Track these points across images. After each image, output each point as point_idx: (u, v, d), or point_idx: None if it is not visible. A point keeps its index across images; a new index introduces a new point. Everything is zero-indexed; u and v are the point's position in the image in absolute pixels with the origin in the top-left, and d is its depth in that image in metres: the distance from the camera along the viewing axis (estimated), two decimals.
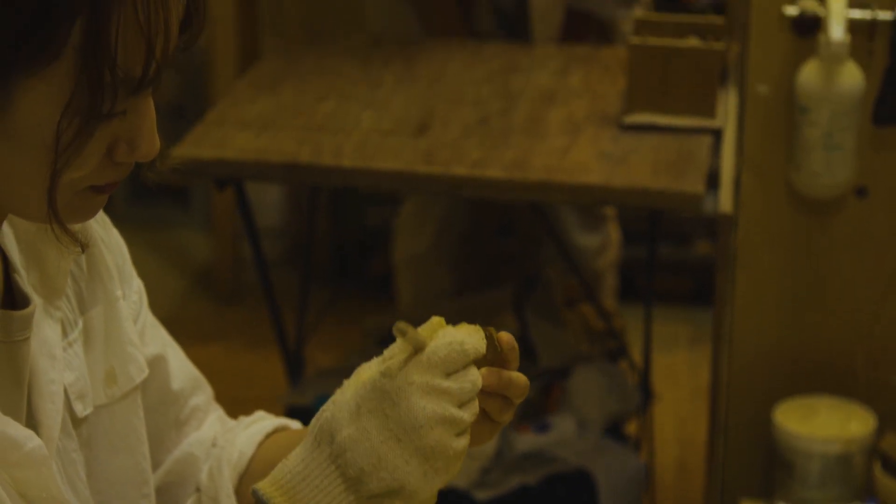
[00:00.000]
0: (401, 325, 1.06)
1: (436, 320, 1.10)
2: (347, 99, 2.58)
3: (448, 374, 1.07)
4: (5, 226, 1.10)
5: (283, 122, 2.48)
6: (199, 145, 2.39)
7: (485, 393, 1.09)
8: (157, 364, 1.24)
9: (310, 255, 3.02)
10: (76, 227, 1.03)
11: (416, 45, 2.83)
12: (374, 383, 1.07)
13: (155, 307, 1.29)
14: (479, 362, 1.09)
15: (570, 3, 2.86)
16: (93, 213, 1.04)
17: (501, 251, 3.36)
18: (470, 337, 1.09)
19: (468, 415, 1.07)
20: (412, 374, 1.06)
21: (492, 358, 1.09)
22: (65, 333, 1.13)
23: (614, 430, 2.76)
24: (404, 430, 1.06)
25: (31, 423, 1.08)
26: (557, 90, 2.62)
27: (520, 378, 1.10)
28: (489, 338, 1.09)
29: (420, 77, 2.68)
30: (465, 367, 1.08)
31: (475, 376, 1.08)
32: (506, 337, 1.10)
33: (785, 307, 2.33)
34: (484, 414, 1.11)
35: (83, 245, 1.03)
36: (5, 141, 0.97)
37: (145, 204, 4.09)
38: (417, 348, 1.08)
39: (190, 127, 2.47)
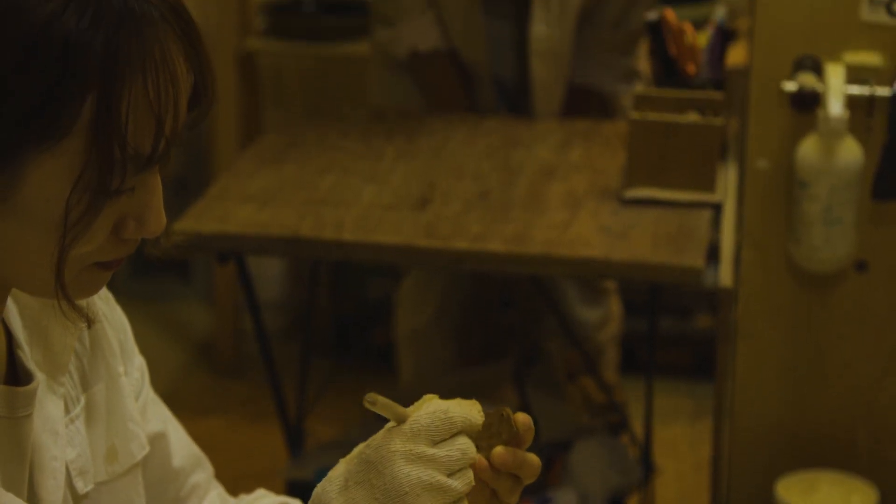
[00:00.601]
0: (370, 396, 1.06)
1: (427, 397, 1.10)
2: (349, 173, 2.59)
3: (434, 443, 1.06)
4: (10, 301, 1.11)
5: (284, 195, 2.50)
6: (201, 219, 2.40)
7: (497, 471, 1.08)
8: (158, 441, 1.24)
9: (310, 328, 3.02)
10: (82, 302, 1.04)
11: (418, 119, 2.85)
12: (360, 455, 1.07)
13: (156, 381, 1.29)
14: (493, 441, 1.08)
15: (571, 78, 2.88)
16: (98, 289, 1.05)
17: (503, 324, 3.36)
18: (458, 407, 1.08)
19: (460, 484, 1.05)
20: (395, 443, 1.06)
21: (507, 437, 1.09)
22: (67, 410, 1.13)
23: (616, 503, 2.75)
24: (390, 498, 1.05)
25: (33, 498, 1.08)
26: (558, 164, 2.63)
27: (533, 459, 1.09)
28: (506, 418, 1.08)
29: (421, 151, 2.69)
30: (453, 435, 1.07)
31: (465, 445, 1.07)
32: (522, 417, 1.09)
33: (786, 381, 2.33)
34: (493, 494, 1.10)
35: (90, 321, 1.04)
36: (14, 216, 0.97)
37: (147, 277, 4.09)
38: (399, 419, 1.07)
39: (192, 201, 2.48)
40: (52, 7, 0.95)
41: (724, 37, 2.62)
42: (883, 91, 2.17)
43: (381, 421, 1.10)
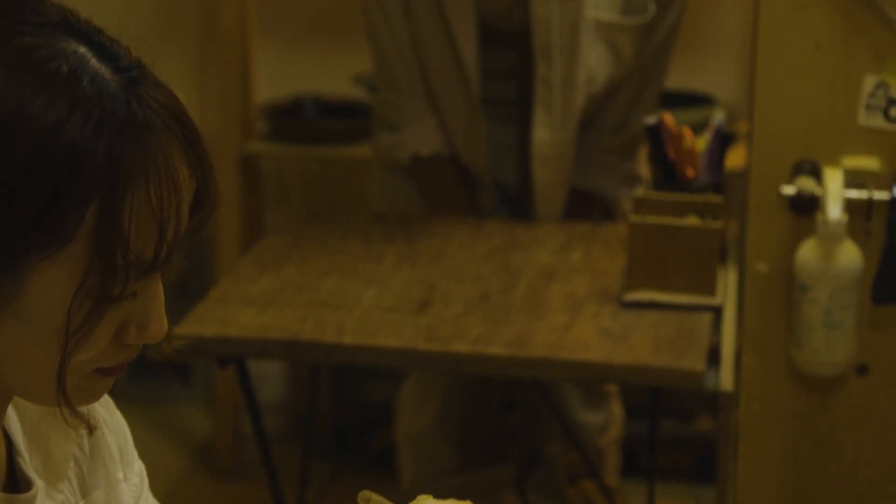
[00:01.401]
0: (364, 493, 1.06)
1: (421, 498, 1.10)
2: (350, 275, 2.60)
3: None
4: (10, 408, 1.11)
5: (285, 298, 2.50)
6: (201, 323, 2.40)
7: None
8: None
9: (311, 431, 3.01)
10: (82, 408, 1.04)
11: (418, 222, 2.86)
12: None
13: (155, 484, 1.29)
14: None
15: (572, 182, 2.89)
16: (99, 396, 1.05)
17: (504, 427, 3.35)
18: None
19: None
20: None
21: None
22: None
23: None
24: None
25: None
26: (558, 267, 2.64)
27: None
28: None
29: (422, 254, 2.70)
30: None
31: None
32: None
33: (787, 485, 2.31)
34: None
35: (90, 427, 1.04)
36: (15, 322, 0.98)
37: (146, 380, 4.09)
38: None
39: (194, 304, 2.49)
40: (56, 114, 0.96)
41: (723, 140, 2.63)
42: (881, 195, 2.18)
43: None
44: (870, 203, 2.19)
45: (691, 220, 2.45)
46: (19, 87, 0.95)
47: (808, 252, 2.19)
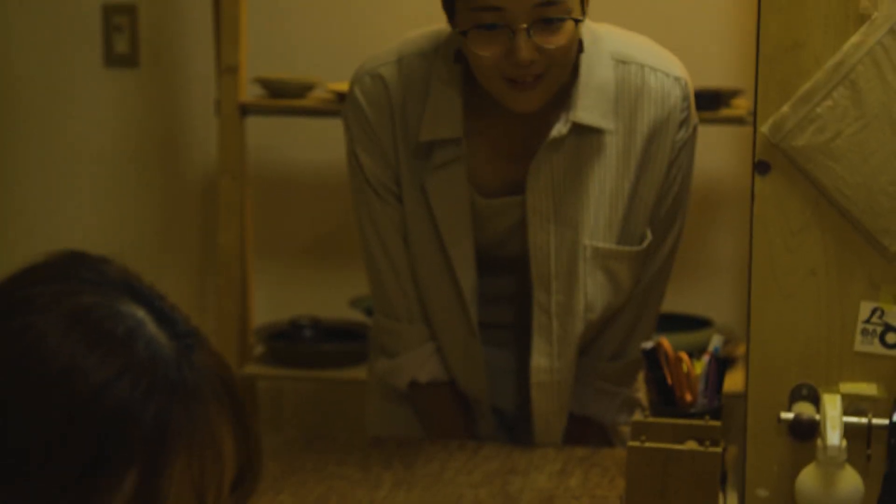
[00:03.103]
0: None
1: None
2: (347, 501, 2.57)
3: None
4: None
5: None
6: None
7: None
8: None
9: None
10: None
11: (416, 446, 2.84)
12: None
13: None
14: None
15: (572, 408, 2.88)
16: None
17: None
18: None
19: None
20: None
21: None
22: None
23: None
24: None
25: None
26: (556, 492, 2.62)
27: None
28: None
29: (419, 479, 2.68)
30: None
31: None
32: None
33: None
34: None
35: None
36: None
37: None
38: None
39: None
40: (107, 374, 0.95)
41: (721, 365, 2.64)
42: (880, 421, 2.17)
43: None
44: (869, 429, 2.18)
45: (690, 445, 2.43)
46: (74, 344, 0.94)
47: (808, 478, 2.17)
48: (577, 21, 2.47)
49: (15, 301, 0.96)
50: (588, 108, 2.61)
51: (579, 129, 2.62)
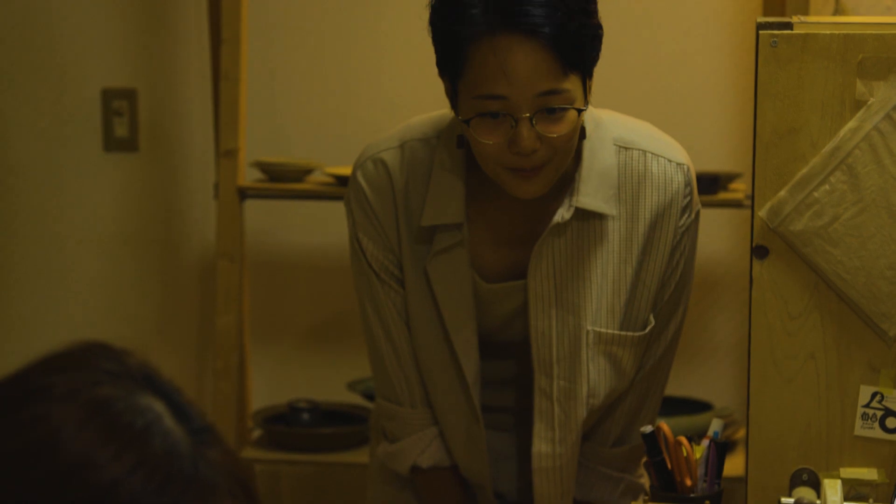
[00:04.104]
0: None
1: None
2: None
3: None
4: None
5: None
6: None
7: None
8: None
9: None
10: None
11: None
12: None
13: None
14: None
15: (574, 493, 2.86)
16: None
17: None
18: None
19: None
20: None
21: None
22: None
23: None
24: None
25: None
26: None
27: None
28: None
29: None
30: None
31: None
32: None
33: None
34: None
35: None
36: None
37: None
38: None
39: None
40: (121, 468, 0.94)
41: (721, 449, 2.62)
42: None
43: None
44: None
45: None
46: (89, 437, 0.94)
47: None
48: (579, 110, 2.48)
49: (31, 390, 0.95)
50: (591, 194, 2.62)
51: (582, 215, 2.62)
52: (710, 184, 3.78)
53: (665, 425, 2.56)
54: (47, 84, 4.35)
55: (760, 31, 2.20)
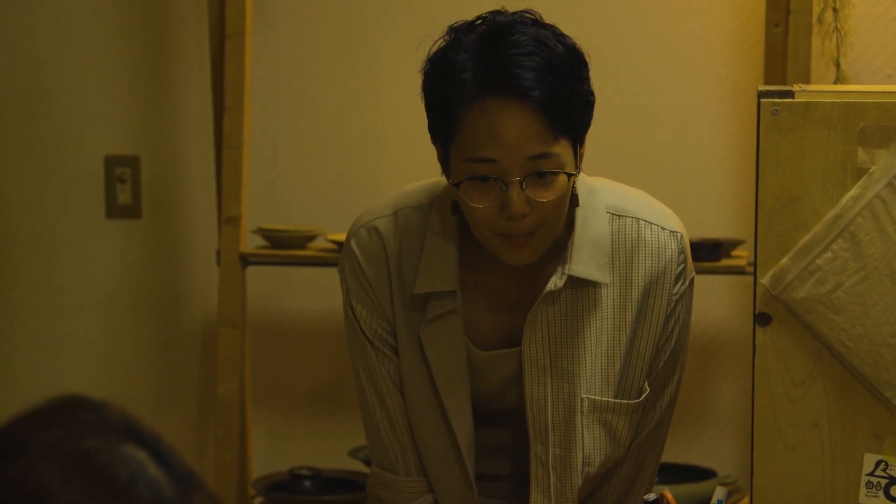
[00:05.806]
0: None
1: None
2: None
3: None
4: None
5: None
6: None
7: None
8: None
9: None
10: None
11: None
12: None
13: None
14: None
15: None
16: None
17: None
18: None
19: None
20: None
21: None
22: None
23: None
24: None
25: None
26: None
27: None
28: None
29: None
30: None
31: None
32: None
33: None
34: None
35: None
36: None
37: None
38: None
39: None
40: None
41: None
42: None
43: None
44: None
45: None
46: (77, 489, 0.94)
47: None
48: (569, 175, 2.48)
49: (14, 445, 0.95)
50: (583, 262, 2.62)
51: (575, 283, 2.62)
52: (712, 250, 3.78)
53: (668, 493, 2.55)
54: (50, 151, 4.37)
55: (762, 100, 2.21)
